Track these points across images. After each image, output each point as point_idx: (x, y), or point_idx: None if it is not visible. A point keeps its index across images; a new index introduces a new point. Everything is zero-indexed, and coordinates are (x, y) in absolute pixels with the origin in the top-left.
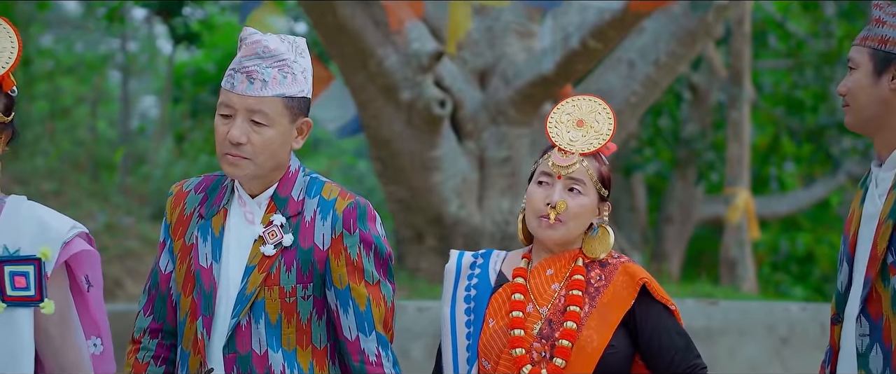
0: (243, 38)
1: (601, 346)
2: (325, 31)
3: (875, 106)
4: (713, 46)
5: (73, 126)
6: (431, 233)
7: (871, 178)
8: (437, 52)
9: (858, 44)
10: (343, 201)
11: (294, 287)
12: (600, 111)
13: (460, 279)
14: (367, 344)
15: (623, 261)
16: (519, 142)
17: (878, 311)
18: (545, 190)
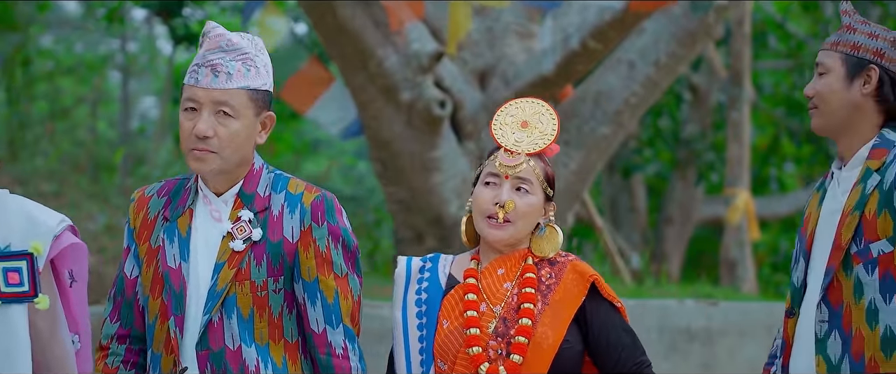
0: (206, 33)
1: (556, 342)
2: (325, 31)
3: (846, 110)
4: (713, 47)
5: (72, 127)
6: (431, 234)
7: (832, 180)
8: (437, 52)
9: (828, 49)
10: (310, 194)
11: (265, 281)
12: (544, 113)
13: (410, 284)
14: (334, 337)
15: (571, 259)
16: None
17: (839, 299)
18: (493, 190)
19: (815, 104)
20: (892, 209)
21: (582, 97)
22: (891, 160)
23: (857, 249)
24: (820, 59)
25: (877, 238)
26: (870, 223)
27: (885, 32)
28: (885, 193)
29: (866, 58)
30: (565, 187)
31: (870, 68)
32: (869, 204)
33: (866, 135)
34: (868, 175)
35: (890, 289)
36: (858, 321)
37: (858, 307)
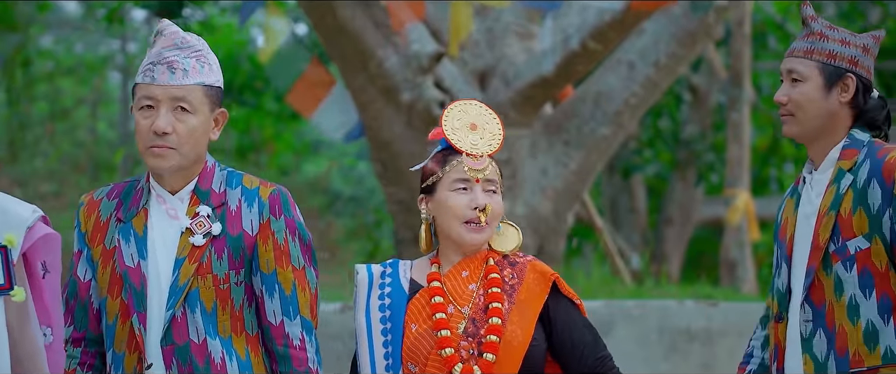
0: (161, 31)
1: (526, 340)
2: (326, 32)
3: (822, 118)
4: (713, 48)
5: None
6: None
7: (805, 185)
8: (437, 53)
9: (802, 57)
10: (266, 188)
11: (227, 274)
12: (485, 113)
13: (372, 289)
14: (291, 328)
15: (530, 259)
16: (519, 143)
17: (821, 298)
18: (467, 196)
19: (789, 111)
20: (867, 206)
21: (582, 98)
22: (862, 159)
23: (835, 247)
24: (792, 65)
25: (853, 236)
26: (846, 222)
27: (853, 38)
28: (859, 190)
29: (843, 67)
30: (565, 187)
31: (847, 77)
32: (844, 203)
33: (838, 138)
34: (841, 175)
35: (869, 284)
36: (841, 317)
37: (840, 304)
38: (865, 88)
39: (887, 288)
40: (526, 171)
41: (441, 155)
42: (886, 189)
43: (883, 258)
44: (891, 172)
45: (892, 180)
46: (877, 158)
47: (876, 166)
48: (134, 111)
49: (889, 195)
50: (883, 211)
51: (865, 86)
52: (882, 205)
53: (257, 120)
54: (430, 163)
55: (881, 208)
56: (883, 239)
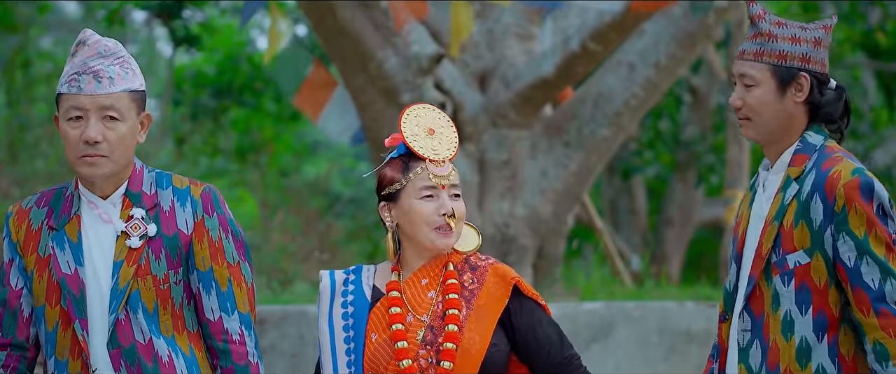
0: (84, 41)
1: (483, 346)
2: (326, 33)
3: (780, 120)
4: (713, 49)
5: None
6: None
7: (760, 181)
8: (437, 54)
9: (752, 60)
10: (197, 187)
11: (166, 274)
12: (441, 118)
13: (335, 296)
14: (230, 324)
15: (491, 262)
16: (519, 145)
17: (760, 308)
18: (435, 202)
19: (746, 115)
20: (809, 221)
21: (582, 99)
22: (809, 168)
23: (776, 259)
24: (743, 70)
25: (794, 249)
26: (787, 234)
27: (804, 33)
28: (802, 203)
29: (795, 66)
30: (565, 188)
31: (800, 76)
32: (787, 215)
33: (793, 138)
34: (788, 183)
35: (805, 300)
36: (775, 331)
37: (775, 318)
38: (820, 83)
39: (825, 305)
40: (526, 172)
41: (400, 162)
42: (828, 206)
43: (823, 275)
44: (833, 189)
45: (833, 197)
46: (821, 170)
47: (819, 181)
48: (60, 122)
49: (831, 212)
50: (824, 227)
51: (820, 80)
52: (824, 221)
53: (257, 121)
54: (388, 170)
55: (823, 225)
56: (824, 256)
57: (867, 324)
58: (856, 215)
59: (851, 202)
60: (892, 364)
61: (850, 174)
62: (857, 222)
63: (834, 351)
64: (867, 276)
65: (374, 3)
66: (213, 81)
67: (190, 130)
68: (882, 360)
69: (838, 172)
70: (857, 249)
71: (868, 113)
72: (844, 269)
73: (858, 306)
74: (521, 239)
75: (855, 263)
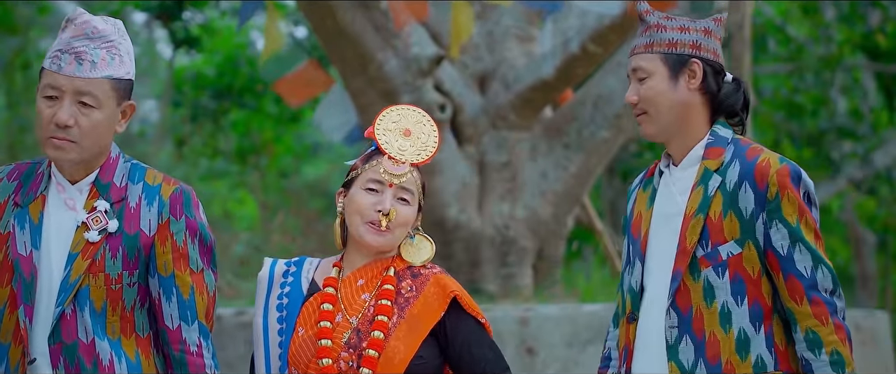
0: (72, 19)
1: (407, 357)
2: (325, 35)
3: (676, 109)
4: None
5: None
6: (431, 237)
7: (661, 179)
8: (437, 56)
9: (643, 52)
10: (168, 186)
11: (120, 274)
12: (425, 123)
13: (273, 288)
14: (188, 334)
15: (435, 272)
16: (519, 146)
17: (688, 303)
18: (375, 197)
19: (642, 110)
20: (738, 211)
21: (582, 101)
22: (729, 159)
23: (705, 252)
24: (636, 63)
25: (724, 240)
26: (716, 226)
27: (692, 23)
28: (729, 194)
29: (686, 53)
30: (565, 190)
31: (692, 62)
32: (713, 206)
33: (699, 133)
34: (708, 176)
35: (740, 291)
36: (711, 324)
37: (711, 311)
38: (715, 72)
39: (759, 296)
40: (526, 174)
41: (369, 154)
42: (760, 193)
43: (755, 264)
44: (764, 177)
45: (765, 185)
46: (747, 160)
47: (747, 169)
48: (38, 97)
49: (763, 200)
50: (756, 216)
51: (715, 70)
52: (755, 210)
53: (257, 123)
54: (358, 159)
55: (754, 213)
56: (756, 244)
57: (800, 312)
58: (789, 201)
59: (784, 189)
60: (825, 352)
61: (779, 162)
62: (791, 210)
63: (770, 341)
64: (800, 263)
65: (374, 5)
66: (214, 82)
67: (190, 131)
68: (815, 348)
69: (767, 161)
70: (791, 236)
71: (868, 114)
72: (776, 257)
73: (791, 294)
74: (520, 241)
75: (788, 250)
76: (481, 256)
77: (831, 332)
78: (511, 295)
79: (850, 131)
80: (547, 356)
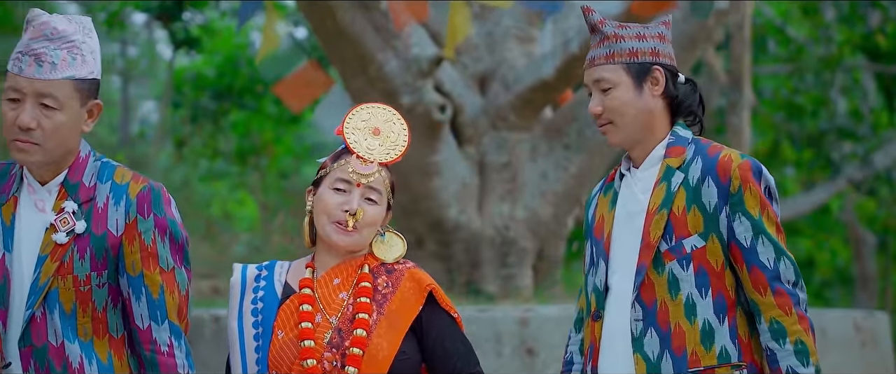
0: (31, 20)
1: (391, 353)
2: (325, 35)
3: (642, 117)
4: (713, 51)
5: None
6: (431, 238)
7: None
8: (437, 57)
9: (605, 63)
10: (136, 184)
11: (88, 275)
12: (395, 121)
13: (246, 292)
14: (159, 334)
15: (409, 267)
16: (519, 147)
17: (652, 296)
18: (342, 197)
19: (608, 120)
20: (702, 205)
21: (582, 101)
22: (691, 157)
23: (669, 246)
24: (598, 75)
25: (688, 234)
26: (679, 220)
27: (647, 30)
28: (692, 189)
29: (647, 61)
30: (565, 190)
31: (654, 70)
32: (676, 201)
33: (660, 135)
34: (671, 173)
35: (704, 284)
36: (677, 316)
37: (675, 303)
38: (672, 75)
39: (722, 288)
40: (526, 174)
41: (338, 152)
42: (722, 187)
43: (719, 257)
44: (726, 171)
45: (727, 179)
46: (709, 156)
47: (710, 165)
48: (3, 99)
49: (726, 193)
50: (720, 209)
51: (672, 73)
52: (718, 204)
53: (257, 124)
54: (328, 157)
55: (718, 207)
56: (719, 238)
57: (763, 303)
58: (751, 195)
59: (746, 183)
60: (789, 341)
61: (740, 157)
62: (753, 203)
63: (733, 333)
64: (763, 255)
65: (374, 5)
66: (214, 83)
67: (190, 132)
68: (779, 338)
69: (729, 156)
70: (753, 229)
71: (868, 115)
72: (740, 249)
73: (754, 285)
74: (521, 241)
75: (751, 242)
76: (481, 256)
77: (795, 322)
78: (511, 296)
79: (850, 132)
80: (547, 357)
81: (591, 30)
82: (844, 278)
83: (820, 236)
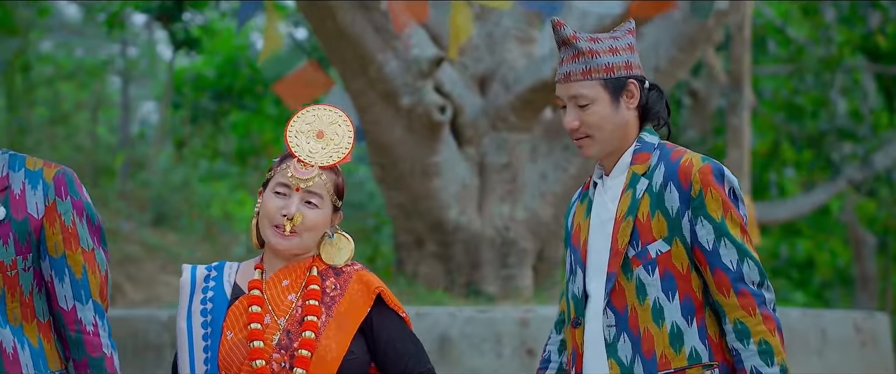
0: None
1: (340, 355)
2: (326, 36)
3: (620, 131)
4: (713, 52)
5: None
6: (431, 239)
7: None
8: (437, 57)
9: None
10: (50, 169)
11: (14, 260)
12: (340, 123)
13: (195, 293)
14: (83, 313)
15: (357, 269)
16: (519, 148)
17: (623, 302)
18: (282, 201)
19: (585, 134)
20: (665, 210)
21: None
22: (656, 162)
23: (635, 252)
24: (575, 91)
25: (653, 239)
26: (644, 226)
27: (617, 42)
28: (655, 195)
29: (622, 75)
30: (565, 191)
31: (629, 83)
32: (641, 208)
33: (629, 142)
34: (636, 180)
35: (671, 287)
36: (645, 320)
37: (643, 308)
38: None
39: (689, 290)
40: (526, 175)
41: (285, 155)
42: (683, 192)
43: (684, 261)
44: (687, 175)
45: (688, 183)
46: (671, 161)
47: (671, 170)
48: None
49: (687, 198)
50: (682, 214)
51: (642, 82)
52: (680, 208)
53: (257, 124)
54: (277, 159)
55: (680, 211)
56: (683, 241)
57: (727, 304)
58: (712, 198)
59: (707, 186)
60: (753, 341)
61: (701, 161)
62: (714, 206)
63: (703, 334)
64: (725, 257)
65: (374, 6)
66: (214, 84)
67: (190, 133)
68: (743, 338)
69: (689, 160)
70: (715, 231)
71: (868, 116)
72: (703, 252)
73: (718, 287)
74: (521, 242)
75: (713, 245)
76: (481, 257)
77: (759, 322)
78: (511, 296)
79: (850, 133)
80: None
81: (562, 44)
82: (844, 279)
83: (820, 236)
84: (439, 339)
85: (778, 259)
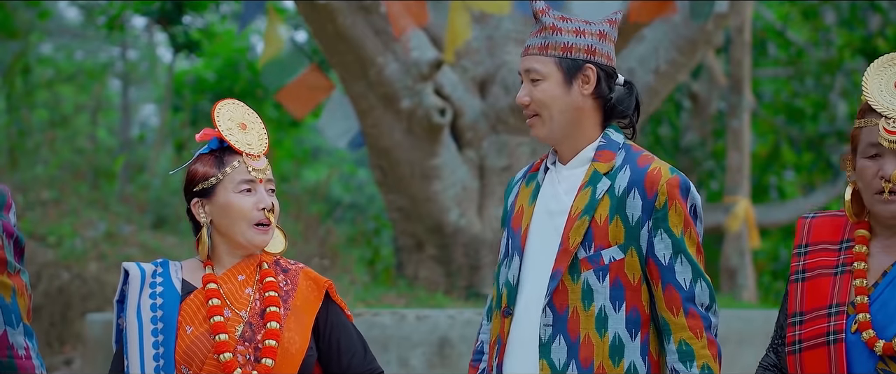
0: None
1: (303, 347)
2: (326, 39)
3: (568, 114)
4: (713, 55)
5: (73, 134)
6: (431, 242)
7: (547, 176)
8: (437, 60)
9: (537, 53)
10: None
11: None
12: (250, 113)
13: (144, 287)
14: (14, 338)
15: (301, 267)
16: (519, 150)
17: (564, 303)
18: (253, 197)
19: (535, 112)
20: (625, 216)
21: None
22: (620, 164)
23: (587, 254)
24: (530, 65)
25: (608, 245)
26: (600, 229)
27: (589, 27)
28: (617, 198)
29: (580, 58)
30: None
31: (586, 68)
32: (599, 209)
33: (590, 136)
34: (597, 178)
35: (619, 297)
36: (587, 327)
37: (588, 314)
38: (608, 76)
39: (638, 303)
40: None
41: (213, 157)
42: (648, 201)
43: (636, 272)
44: (654, 185)
45: (654, 193)
46: (638, 166)
47: (637, 176)
48: None
49: (650, 208)
50: (642, 223)
51: (608, 74)
52: (642, 217)
53: None
54: (199, 166)
55: (641, 220)
56: (639, 251)
57: (675, 323)
58: (675, 212)
59: (672, 200)
60: (696, 366)
61: (670, 172)
62: (676, 220)
63: (645, 350)
64: (680, 275)
65: (374, 8)
66: (214, 86)
67: (190, 135)
68: (687, 360)
69: (658, 169)
70: (674, 247)
71: None
72: (657, 266)
73: (668, 304)
74: None
75: (669, 260)
76: (481, 259)
77: (704, 346)
78: None
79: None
80: None
81: (534, 18)
82: None
83: None
84: (439, 341)
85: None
